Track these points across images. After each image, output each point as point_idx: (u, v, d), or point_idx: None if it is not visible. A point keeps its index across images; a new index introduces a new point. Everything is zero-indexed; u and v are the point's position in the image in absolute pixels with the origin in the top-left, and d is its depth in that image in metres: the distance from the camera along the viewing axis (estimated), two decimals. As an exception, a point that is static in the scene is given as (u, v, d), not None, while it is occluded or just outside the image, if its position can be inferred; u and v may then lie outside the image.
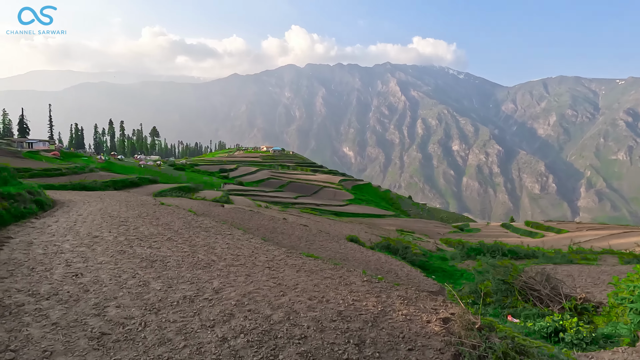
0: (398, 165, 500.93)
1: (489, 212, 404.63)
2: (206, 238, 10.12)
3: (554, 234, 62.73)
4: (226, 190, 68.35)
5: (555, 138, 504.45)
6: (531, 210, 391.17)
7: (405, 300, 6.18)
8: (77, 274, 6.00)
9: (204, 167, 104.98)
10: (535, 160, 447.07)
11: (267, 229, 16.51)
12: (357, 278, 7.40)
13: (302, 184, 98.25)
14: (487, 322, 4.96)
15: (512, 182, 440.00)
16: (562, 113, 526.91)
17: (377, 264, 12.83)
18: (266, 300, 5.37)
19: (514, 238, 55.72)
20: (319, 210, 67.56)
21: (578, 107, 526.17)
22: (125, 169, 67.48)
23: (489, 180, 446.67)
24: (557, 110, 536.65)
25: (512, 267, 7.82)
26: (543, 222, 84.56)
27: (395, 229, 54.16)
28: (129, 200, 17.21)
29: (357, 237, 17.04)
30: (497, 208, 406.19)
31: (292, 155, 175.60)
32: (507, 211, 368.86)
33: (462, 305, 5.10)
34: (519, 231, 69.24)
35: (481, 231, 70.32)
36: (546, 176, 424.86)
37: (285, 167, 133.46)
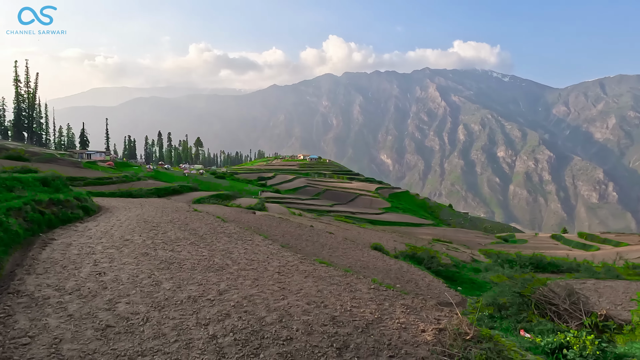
0: (438, 173, 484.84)
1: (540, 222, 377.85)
2: (227, 243, 10.60)
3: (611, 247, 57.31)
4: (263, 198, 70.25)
5: (615, 142, 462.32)
6: (588, 220, 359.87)
7: (408, 309, 6.11)
8: (101, 272, 6.63)
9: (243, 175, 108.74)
10: (592, 167, 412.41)
11: (293, 236, 16.83)
12: (365, 285, 7.41)
13: (338, 192, 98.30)
14: (486, 334, 4.80)
15: (566, 190, 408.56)
16: (623, 115, 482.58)
17: (398, 273, 12.62)
18: (265, 303, 5.59)
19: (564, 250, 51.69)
20: (354, 219, 67.22)
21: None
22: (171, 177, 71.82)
23: (539, 188, 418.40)
24: (617, 112, 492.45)
25: (532, 280, 7.34)
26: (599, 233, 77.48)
27: (432, 239, 52.45)
28: (165, 207, 18.38)
29: (381, 245, 16.82)
30: (549, 218, 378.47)
31: (329, 163, 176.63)
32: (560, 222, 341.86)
33: (460, 316, 4.98)
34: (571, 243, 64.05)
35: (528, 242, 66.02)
36: (605, 184, 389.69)
37: (321, 175, 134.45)
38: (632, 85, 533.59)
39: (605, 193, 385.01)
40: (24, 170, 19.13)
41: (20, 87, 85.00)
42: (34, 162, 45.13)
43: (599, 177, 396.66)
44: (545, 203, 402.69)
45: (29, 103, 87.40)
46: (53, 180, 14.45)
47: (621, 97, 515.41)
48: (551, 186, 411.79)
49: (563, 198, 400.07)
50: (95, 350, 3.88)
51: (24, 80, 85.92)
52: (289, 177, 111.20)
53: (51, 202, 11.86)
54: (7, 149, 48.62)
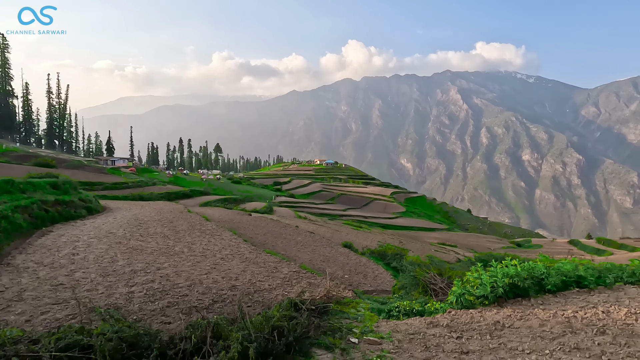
0: (460, 177, 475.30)
1: (569, 228, 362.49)
2: (196, 237, 12.40)
3: (626, 252, 55.51)
4: (277, 202, 72.36)
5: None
6: (622, 226, 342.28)
7: (309, 285, 7.63)
8: (75, 254, 8.52)
9: (260, 180, 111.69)
10: (625, 170, 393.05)
11: (273, 234, 18.50)
12: (288, 269, 8.96)
13: (353, 197, 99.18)
14: (347, 300, 6.28)
15: (597, 195, 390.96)
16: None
17: (354, 266, 14.02)
18: (187, 275, 7.28)
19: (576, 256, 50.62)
20: (366, 223, 68.18)
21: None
22: (188, 182, 75.36)
23: (567, 192, 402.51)
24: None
25: (429, 267, 8.58)
26: (618, 239, 74.86)
27: (437, 242, 52.83)
28: (163, 209, 20.52)
29: (351, 243, 18.21)
30: (579, 224, 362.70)
31: (345, 168, 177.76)
32: (591, 227, 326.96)
33: (329, 286, 6.44)
34: (587, 248, 62.47)
35: (542, 247, 64.72)
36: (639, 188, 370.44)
37: (337, 179, 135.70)
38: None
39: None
40: (46, 175, 21.77)
41: (52, 98, 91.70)
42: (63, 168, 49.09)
43: (633, 180, 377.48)
44: (575, 208, 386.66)
45: (60, 113, 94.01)
46: (63, 184, 16.77)
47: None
48: (581, 190, 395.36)
49: (594, 203, 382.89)
50: (45, 296, 5.66)
51: (56, 92, 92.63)
52: (304, 182, 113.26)
53: (57, 202, 14.06)
54: (38, 156, 53.02)
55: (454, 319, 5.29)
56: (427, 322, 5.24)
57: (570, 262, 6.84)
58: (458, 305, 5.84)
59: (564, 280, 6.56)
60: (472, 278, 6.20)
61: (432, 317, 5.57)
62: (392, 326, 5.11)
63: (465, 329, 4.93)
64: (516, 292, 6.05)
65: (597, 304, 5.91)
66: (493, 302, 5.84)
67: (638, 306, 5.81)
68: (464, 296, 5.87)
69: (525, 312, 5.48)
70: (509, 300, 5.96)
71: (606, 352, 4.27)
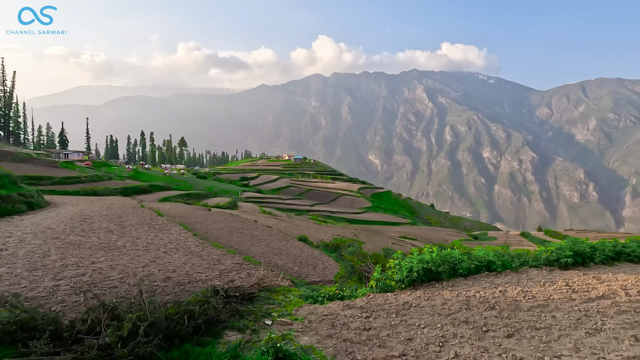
0: (426, 173, 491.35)
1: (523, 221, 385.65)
2: (143, 232, 12.24)
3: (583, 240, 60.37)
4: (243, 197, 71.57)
5: (596, 144, 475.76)
6: (570, 219, 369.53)
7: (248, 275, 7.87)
8: (4, 249, 8.21)
9: (226, 175, 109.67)
10: (573, 167, 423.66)
11: (229, 229, 18.51)
12: (231, 261, 9.14)
13: (321, 192, 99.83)
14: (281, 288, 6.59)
15: (548, 190, 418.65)
16: (603, 117, 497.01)
17: (305, 258, 14.42)
18: (121, 268, 7.30)
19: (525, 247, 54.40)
20: (333, 218, 69.19)
21: (620, 110, 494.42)
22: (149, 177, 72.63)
23: (522, 188, 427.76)
24: (597, 114, 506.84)
25: (365, 257, 9.21)
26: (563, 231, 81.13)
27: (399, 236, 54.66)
28: (114, 204, 19.87)
29: (306, 237, 18.64)
30: (532, 217, 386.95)
31: (313, 163, 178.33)
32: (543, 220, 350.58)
33: (260, 274, 6.73)
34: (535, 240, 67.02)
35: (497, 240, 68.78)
36: (586, 184, 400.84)
37: (305, 175, 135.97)
38: (611, 88, 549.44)
39: (586, 193, 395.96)
40: (-17, 169, 20.27)
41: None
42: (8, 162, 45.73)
43: (580, 177, 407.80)
44: (529, 203, 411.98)
45: (5, 102, 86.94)
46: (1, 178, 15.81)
47: (601, 100, 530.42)
48: (534, 186, 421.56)
49: (546, 198, 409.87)
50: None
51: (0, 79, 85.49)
52: (272, 178, 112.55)
53: (-9, 196, 13.28)
54: (-21, 148, 48.94)
55: (370, 301, 5.78)
56: (344, 305, 5.70)
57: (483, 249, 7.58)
58: (377, 289, 6.36)
59: (477, 265, 7.29)
60: (392, 264, 6.75)
61: (352, 300, 6.04)
62: (312, 310, 5.50)
63: (376, 309, 5.42)
64: (430, 276, 6.66)
65: (499, 284, 6.64)
66: (409, 285, 6.41)
67: (532, 285, 6.60)
68: (383, 281, 6.40)
69: (434, 293, 6.08)
70: (424, 283, 6.56)
71: (488, 324, 4.89)
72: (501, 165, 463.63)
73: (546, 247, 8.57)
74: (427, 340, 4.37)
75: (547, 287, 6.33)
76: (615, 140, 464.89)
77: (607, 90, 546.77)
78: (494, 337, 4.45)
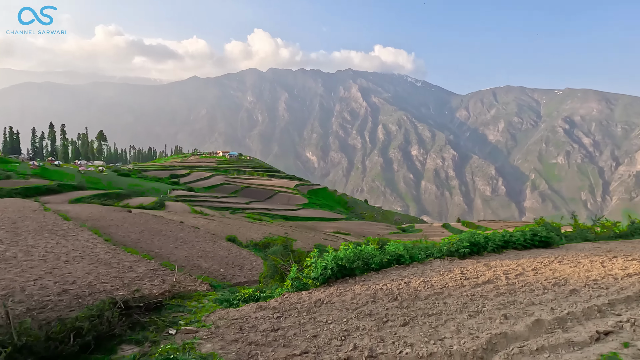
0: (360, 170, 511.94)
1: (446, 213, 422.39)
2: (42, 239, 10.88)
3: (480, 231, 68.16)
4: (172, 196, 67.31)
5: (504, 143, 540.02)
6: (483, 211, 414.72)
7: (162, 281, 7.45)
8: None
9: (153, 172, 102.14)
10: (486, 164, 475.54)
11: (151, 232, 17.31)
12: (145, 266, 8.58)
13: (257, 189, 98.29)
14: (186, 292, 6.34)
15: (466, 185, 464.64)
16: (510, 120, 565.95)
17: (233, 259, 14.13)
18: (6, 283, 6.43)
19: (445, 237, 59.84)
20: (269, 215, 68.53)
21: (523, 114, 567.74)
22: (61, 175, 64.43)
23: (445, 183, 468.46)
24: (505, 117, 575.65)
25: (289, 256, 9.45)
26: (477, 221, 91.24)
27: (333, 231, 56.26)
28: (7, 207, 17.29)
29: (235, 237, 18.30)
30: (453, 210, 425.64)
31: (250, 160, 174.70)
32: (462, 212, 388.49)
33: (175, 281, 6.42)
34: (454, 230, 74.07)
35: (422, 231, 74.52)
36: (496, 179, 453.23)
37: (241, 172, 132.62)
38: (516, 95, 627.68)
39: (496, 187, 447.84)
40: None
41: None
42: None
43: (491, 173, 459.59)
44: (451, 196, 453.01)
45: None
46: None
47: (508, 105, 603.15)
48: (455, 181, 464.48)
49: (464, 192, 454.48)
50: None
51: None
52: (205, 175, 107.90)
53: None
54: None
55: (284, 301, 5.91)
56: (257, 306, 5.74)
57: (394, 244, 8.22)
58: (293, 288, 6.52)
59: (389, 259, 7.86)
60: (309, 263, 6.97)
61: (266, 301, 6.11)
62: (224, 314, 5.44)
63: (289, 309, 5.56)
64: (344, 273, 7.03)
65: (406, 276, 7.24)
66: (324, 282, 6.69)
67: (433, 275, 7.31)
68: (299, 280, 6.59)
69: (347, 289, 6.42)
70: (338, 280, 6.90)
71: (389, 314, 5.31)
72: (427, 162, 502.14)
73: (449, 239, 9.55)
74: (331, 335, 4.61)
75: (445, 276, 7.08)
76: (519, 141, 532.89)
77: (513, 97, 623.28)
78: (392, 327, 4.86)
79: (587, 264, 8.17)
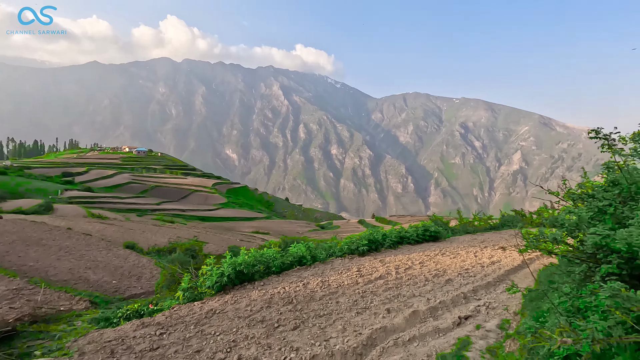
0: (282, 168, 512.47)
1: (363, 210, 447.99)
2: None
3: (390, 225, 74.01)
4: (64, 198, 59.03)
5: (413, 145, 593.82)
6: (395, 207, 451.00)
7: (29, 301, 6.30)
8: None
9: (40, 170, 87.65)
10: (398, 164, 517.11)
11: (25, 242, 14.73)
12: (6, 287, 7.20)
13: (170, 189, 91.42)
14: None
15: (381, 183, 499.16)
16: (417, 124, 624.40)
17: (130, 269, 12.82)
18: None
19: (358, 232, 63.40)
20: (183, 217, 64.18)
21: (428, 119, 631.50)
22: None
23: (362, 181, 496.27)
24: (414, 121, 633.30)
25: (190, 262, 9.04)
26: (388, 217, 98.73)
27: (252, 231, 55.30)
28: None
29: (135, 243, 16.68)
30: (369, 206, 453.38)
31: (161, 157, 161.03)
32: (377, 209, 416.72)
33: (41, 298, 5.45)
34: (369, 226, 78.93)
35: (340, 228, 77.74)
36: (406, 177, 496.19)
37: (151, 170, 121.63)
38: (422, 101, 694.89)
39: (406, 185, 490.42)
40: None
41: None
42: None
43: (402, 172, 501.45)
44: (367, 194, 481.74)
45: None
46: None
47: (416, 110, 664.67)
48: (371, 179, 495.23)
49: (379, 189, 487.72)
50: None
51: None
52: (107, 173, 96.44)
53: None
54: None
55: (172, 315, 5.50)
56: (140, 323, 5.23)
57: (296, 245, 8.32)
58: (185, 299, 6.12)
59: (290, 261, 7.92)
60: (205, 270, 6.63)
61: (152, 316, 5.61)
62: (96, 337, 4.82)
63: (175, 323, 5.18)
64: (243, 278, 6.86)
65: (305, 277, 7.36)
66: (220, 290, 6.42)
67: (331, 274, 7.57)
68: (191, 290, 6.21)
69: (243, 296, 6.26)
70: (236, 286, 6.70)
71: (281, 319, 5.31)
72: (346, 161, 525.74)
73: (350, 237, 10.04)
74: (216, 348, 4.42)
75: (342, 275, 7.40)
76: (425, 143, 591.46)
77: (420, 102, 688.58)
78: (282, 332, 4.87)
79: (463, 254, 9.37)
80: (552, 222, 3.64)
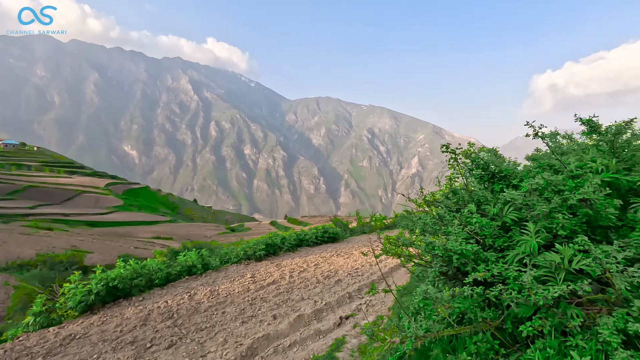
0: (190, 168, 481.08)
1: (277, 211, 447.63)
2: None
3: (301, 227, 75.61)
4: None
5: (325, 147, 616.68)
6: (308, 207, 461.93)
7: None
8: None
9: None
10: (310, 165, 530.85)
11: None
12: None
13: (48, 190, 77.88)
14: None
15: (294, 184, 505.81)
16: (329, 127, 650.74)
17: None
18: None
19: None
20: (66, 222, 55.18)
21: (339, 123, 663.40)
22: None
23: (276, 182, 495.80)
24: (326, 124, 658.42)
25: (55, 279, 7.88)
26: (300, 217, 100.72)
27: (152, 237, 50.58)
28: None
29: (-14, 257, 13.71)
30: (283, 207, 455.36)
31: (38, 151, 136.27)
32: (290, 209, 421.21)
33: None
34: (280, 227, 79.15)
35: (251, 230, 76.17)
36: (318, 179, 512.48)
37: (24, 167, 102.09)
38: (334, 106, 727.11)
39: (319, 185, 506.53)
40: None
41: None
42: None
43: (315, 173, 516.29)
44: (280, 195, 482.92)
45: None
46: None
47: (328, 114, 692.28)
48: (284, 180, 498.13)
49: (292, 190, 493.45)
50: None
51: None
52: (-43, 170, 78.02)
53: None
54: None
55: (15, 346, 4.58)
56: (-35, 363, 4.24)
57: (187, 254, 7.80)
58: (36, 326, 5.18)
59: (178, 271, 7.37)
60: (67, 290, 5.71)
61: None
62: None
63: (18, 356, 4.33)
64: (117, 294, 6.14)
65: (194, 287, 6.92)
66: (85, 311, 5.61)
67: (223, 283, 7.27)
68: (45, 314, 5.29)
69: (114, 314, 5.58)
70: (108, 304, 5.95)
71: (156, 337, 4.85)
72: (259, 161, 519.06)
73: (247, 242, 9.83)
74: (66, 381, 3.81)
75: (234, 282, 7.18)
76: (336, 146, 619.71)
77: (332, 107, 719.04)
78: (154, 352, 4.45)
79: (356, 254, 9.99)
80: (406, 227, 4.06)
